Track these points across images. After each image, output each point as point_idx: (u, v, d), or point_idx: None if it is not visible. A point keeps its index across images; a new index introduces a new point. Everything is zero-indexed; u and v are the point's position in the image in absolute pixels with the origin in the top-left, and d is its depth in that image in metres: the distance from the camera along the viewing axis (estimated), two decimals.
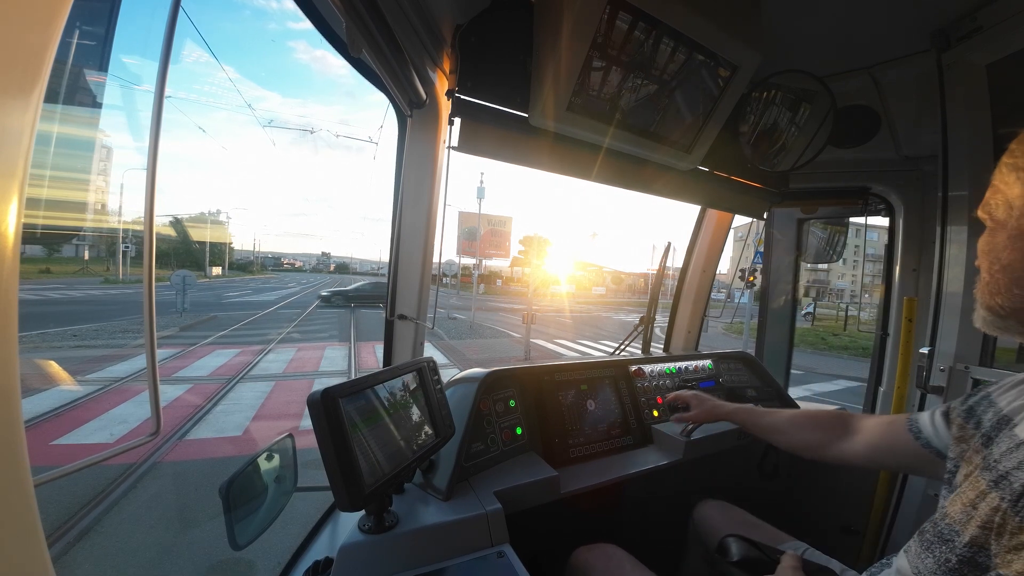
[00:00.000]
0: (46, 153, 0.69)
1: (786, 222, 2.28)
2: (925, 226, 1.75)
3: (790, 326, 2.36)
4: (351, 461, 0.73)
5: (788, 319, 2.35)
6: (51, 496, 3.24)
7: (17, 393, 0.31)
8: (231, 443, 4.53)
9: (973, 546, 0.50)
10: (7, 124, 0.29)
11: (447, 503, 0.98)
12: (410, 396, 0.95)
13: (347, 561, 0.80)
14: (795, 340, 2.40)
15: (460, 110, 1.12)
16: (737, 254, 3.02)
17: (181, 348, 8.86)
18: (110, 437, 4.43)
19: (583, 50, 1.04)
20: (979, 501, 0.52)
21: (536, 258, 23.93)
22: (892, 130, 1.61)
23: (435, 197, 1.24)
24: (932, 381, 1.29)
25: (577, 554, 1.06)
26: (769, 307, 2.38)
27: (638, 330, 2.04)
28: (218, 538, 2.90)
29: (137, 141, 42.48)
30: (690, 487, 1.44)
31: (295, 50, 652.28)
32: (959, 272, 1.24)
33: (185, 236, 65.15)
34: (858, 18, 1.23)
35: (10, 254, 0.29)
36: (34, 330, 9.57)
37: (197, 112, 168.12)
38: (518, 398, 1.31)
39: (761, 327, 2.41)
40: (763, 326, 2.40)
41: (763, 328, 2.39)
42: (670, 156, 1.39)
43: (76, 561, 2.68)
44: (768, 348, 2.37)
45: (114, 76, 26.19)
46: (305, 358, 8.72)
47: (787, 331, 2.35)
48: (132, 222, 46.62)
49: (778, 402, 1.89)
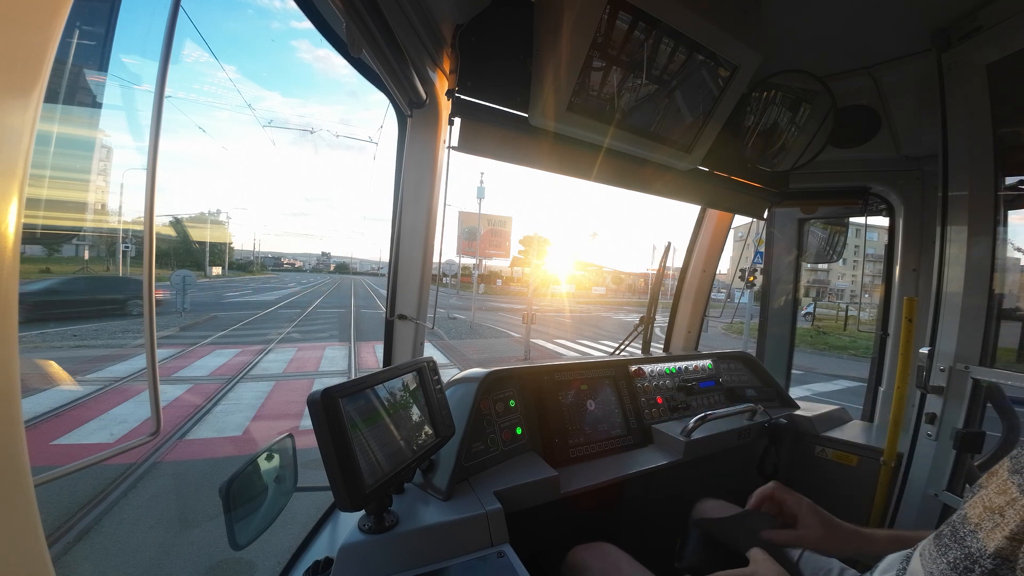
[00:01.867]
0: (46, 153, 0.70)
1: (787, 222, 2.28)
2: (925, 226, 1.75)
3: (791, 326, 2.35)
4: (351, 461, 0.73)
5: (789, 319, 2.34)
6: (51, 496, 3.24)
7: (17, 393, 0.31)
8: (231, 443, 4.53)
9: (998, 558, 0.46)
10: (7, 124, 0.29)
11: (447, 503, 0.98)
12: (410, 396, 0.95)
13: (347, 561, 0.80)
14: (795, 340, 2.40)
15: (460, 110, 1.12)
16: (737, 254, 3.03)
17: (181, 348, 8.86)
18: (110, 437, 4.43)
19: (583, 50, 1.04)
20: (1008, 508, 0.48)
21: (536, 258, 23.91)
22: (892, 130, 1.61)
23: (435, 197, 1.24)
24: (932, 381, 1.29)
25: (574, 553, 1.06)
26: (770, 307, 2.38)
27: (638, 330, 2.04)
28: (218, 538, 2.90)
29: (137, 141, 42.45)
30: (690, 487, 1.44)
31: (297, 49, 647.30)
32: (959, 272, 1.24)
33: (185, 236, 65.16)
34: (858, 18, 1.23)
35: (10, 254, 0.29)
36: (34, 330, 9.57)
37: (197, 112, 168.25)
38: (518, 398, 1.31)
39: (762, 327, 2.41)
40: (764, 326, 2.39)
41: (764, 328, 2.39)
42: (670, 156, 1.39)
43: (76, 561, 2.68)
44: (769, 348, 2.36)
45: (114, 76, 26.19)
46: (305, 358, 8.72)
47: (788, 331, 2.34)
48: (132, 222, 46.63)
49: (778, 402, 1.89)
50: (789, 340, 2.34)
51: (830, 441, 1.71)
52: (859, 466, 1.62)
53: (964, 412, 1.24)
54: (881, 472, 1.48)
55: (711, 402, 1.75)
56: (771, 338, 2.37)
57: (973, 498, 0.55)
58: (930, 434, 1.30)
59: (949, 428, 1.26)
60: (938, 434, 1.28)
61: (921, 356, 1.32)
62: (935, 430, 1.29)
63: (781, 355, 2.34)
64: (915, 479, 1.34)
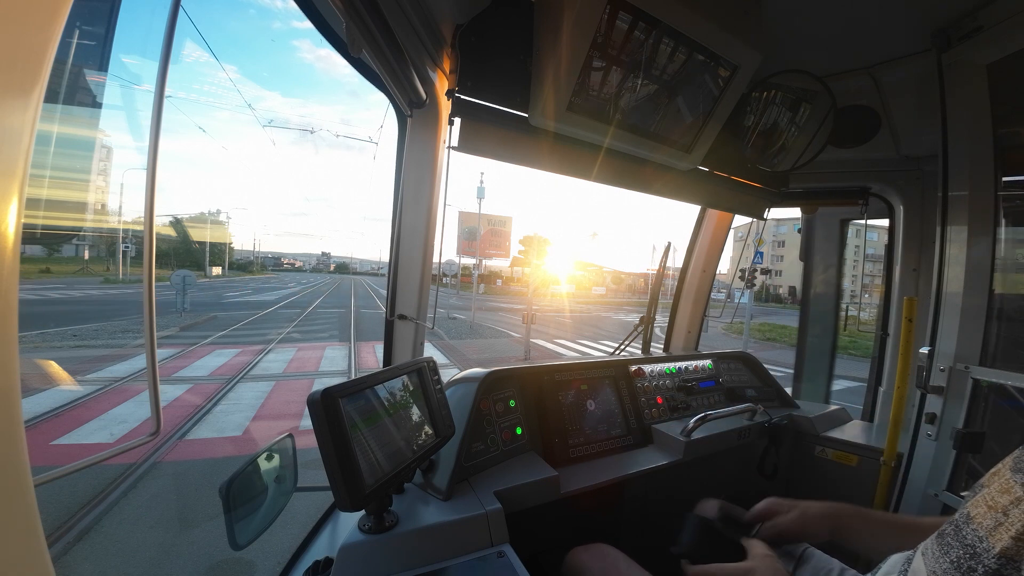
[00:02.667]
0: (46, 153, 0.70)
1: (829, 222, 2.15)
2: (925, 226, 1.74)
3: (833, 333, 2.19)
4: (351, 461, 0.73)
5: (831, 326, 2.17)
6: (51, 496, 3.24)
7: (17, 393, 0.31)
8: (231, 443, 4.53)
9: (1003, 558, 0.46)
10: (7, 124, 0.29)
11: (447, 503, 0.98)
12: (410, 396, 0.95)
13: (347, 561, 0.80)
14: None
15: (460, 110, 1.12)
16: (737, 254, 3.02)
17: (181, 348, 8.86)
18: (110, 437, 4.43)
19: (583, 50, 1.04)
20: (1012, 508, 0.48)
21: (536, 258, 23.91)
22: (892, 130, 1.61)
23: (435, 197, 1.24)
24: (932, 381, 1.29)
25: (573, 554, 1.06)
26: (810, 312, 2.23)
27: (638, 330, 2.04)
28: (218, 538, 2.90)
29: (137, 141, 42.48)
30: (690, 487, 1.44)
31: (298, 49, 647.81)
32: (959, 272, 1.24)
33: (185, 236, 65.20)
34: (858, 18, 1.23)
35: (10, 254, 0.29)
36: (34, 330, 9.57)
37: (197, 112, 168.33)
38: (518, 398, 1.31)
39: (802, 333, 2.28)
40: (804, 332, 2.27)
41: (803, 334, 2.27)
42: (670, 156, 1.39)
43: (76, 561, 2.68)
44: (809, 355, 2.23)
45: (114, 76, 26.20)
46: (305, 358, 8.72)
47: (830, 338, 2.18)
48: (132, 222, 46.64)
49: (778, 402, 1.89)
50: (831, 350, 2.18)
51: (830, 441, 1.71)
52: (859, 466, 1.62)
53: (964, 412, 1.24)
54: (881, 472, 1.48)
55: (711, 402, 1.75)
56: (812, 345, 2.24)
57: (975, 497, 0.55)
58: (930, 434, 1.30)
59: (949, 428, 1.26)
60: (938, 434, 1.28)
61: (921, 356, 1.32)
62: (935, 430, 1.29)
63: (822, 363, 2.19)
64: (915, 479, 1.34)
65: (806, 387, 2.38)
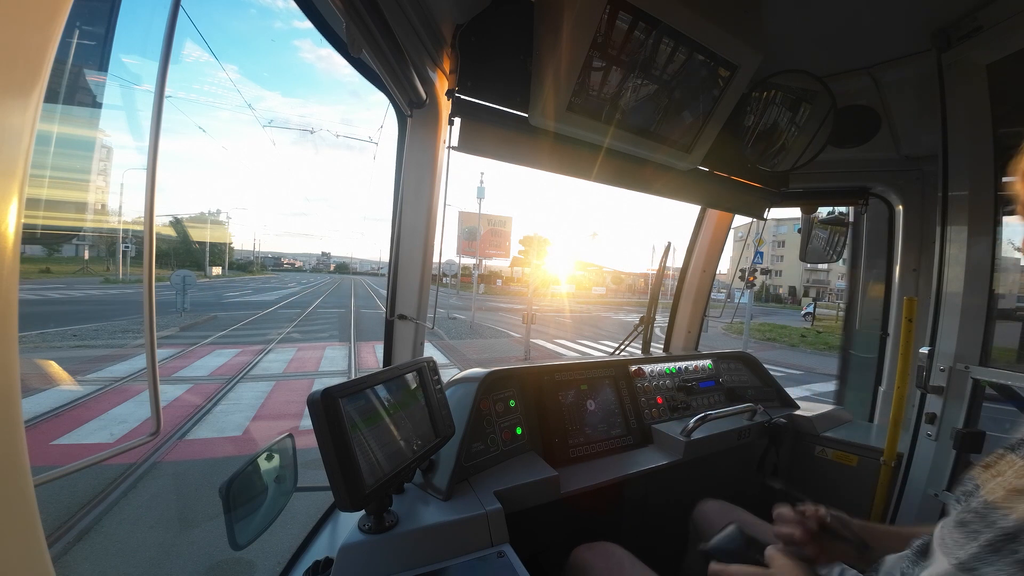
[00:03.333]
0: (46, 153, 0.69)
1: (884, 216, 1.94)
2: (925, 226, 1.74)
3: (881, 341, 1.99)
4: (351, 461, 0.73)
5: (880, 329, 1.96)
6: (51, 496, 3.24)
7: (17, 393, 0.31)
8: (231, 443, 4.53)
9: None
10: (7, 124, 0.29)
11: (447, 503, 0.98)
12: (410, 396, 0.95)
13: (347, 561, 0.80)
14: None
15: (460, 110, 1.12)
16: (737, 254, 3.02)
17: (181, 348, 8.85)
18: (110, 437, 4.43)
19: (583, 50, 1.04)
20: None
21: (536, 258, 23.89)
22: (892, 130, 1.61)
23: (435, 197, 1.24)
24: (932, 381, 1.29)
25: (577, 553, 1.06)
26: (858, 314, 2.07)
27: (638, 330, 2.04)
28: (218, 538, 2.90)
29: (137, 141, 42.48)
30: (690, 487, 1.44)
31: (299, 49, 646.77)
32: (959, 272, 1.24)
33: (185, 236, 65.23)
34: (858, 18, 1.23)
35: (10, 254, 0.29)
36: (34, 330, 9.57)
37: (197, 112, 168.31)
38: (518, 398, 1.31)
39: (846, 339, 2.18)
40: (848, 338, 2.16)
41: (848, 341, 2.16)
42: (670, 156, 1.39)
43: (76, 561, 2.68)
44: (854, 361, 2.12)
45: (114, 76, 26.21)
46: (305, 358, 8.71)
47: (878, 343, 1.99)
48: (132, 222, 46.69)
49: (778, 402, 1.89)
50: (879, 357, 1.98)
51: (830, 441, 1.71)
52: (859, 466, 1.62)
53: (964, 412, 1.24)
54: (881, 472, 1.48)
55: (711, 402, 1.75)
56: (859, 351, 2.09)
57: (989, 486, 0.56)
58: (930, 434, 1.30)
59: (949, 428, 1.26)
60: (938, 434, 1.28)
61: (921, 356, 1.32)
62: (935, 430, 1.29)
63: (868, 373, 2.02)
64: (915, 479, 1.34)
65: (851, 395, 2.24)
